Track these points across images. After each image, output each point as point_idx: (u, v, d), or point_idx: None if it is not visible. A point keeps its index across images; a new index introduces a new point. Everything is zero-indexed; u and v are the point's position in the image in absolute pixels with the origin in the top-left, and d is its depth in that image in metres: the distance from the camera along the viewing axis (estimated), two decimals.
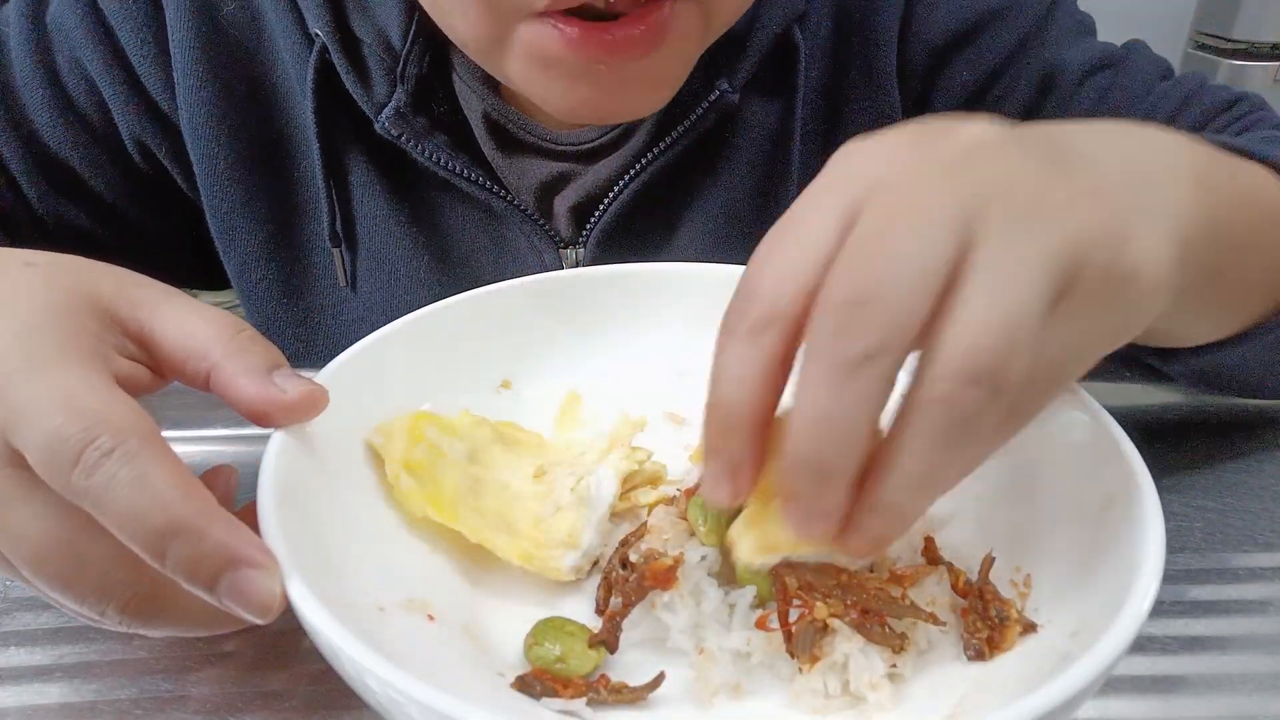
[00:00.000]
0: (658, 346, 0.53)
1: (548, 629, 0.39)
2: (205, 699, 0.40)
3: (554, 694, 0.36)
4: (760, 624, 0.38)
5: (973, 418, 0.29)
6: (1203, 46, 1.74)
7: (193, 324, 0.37)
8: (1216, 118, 0.65)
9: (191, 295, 0.39)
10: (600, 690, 0.37)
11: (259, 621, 0.32)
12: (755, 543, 0.34)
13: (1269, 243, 0.46)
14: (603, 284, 0.53)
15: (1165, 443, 0.57)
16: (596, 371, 0.52)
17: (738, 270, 0.53)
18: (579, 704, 0.36)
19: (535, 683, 0.36)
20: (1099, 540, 0.37)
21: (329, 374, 0.43)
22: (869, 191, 0.31)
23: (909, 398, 0.29)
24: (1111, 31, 0.74)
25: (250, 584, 0.32)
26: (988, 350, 0.28)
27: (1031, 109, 0.67)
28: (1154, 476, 0.37)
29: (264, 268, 0.70)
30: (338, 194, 0.66)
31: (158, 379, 0.38)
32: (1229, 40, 1.65)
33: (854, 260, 0.29)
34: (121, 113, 0.66)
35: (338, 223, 0.66)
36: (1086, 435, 0.41)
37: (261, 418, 0.37)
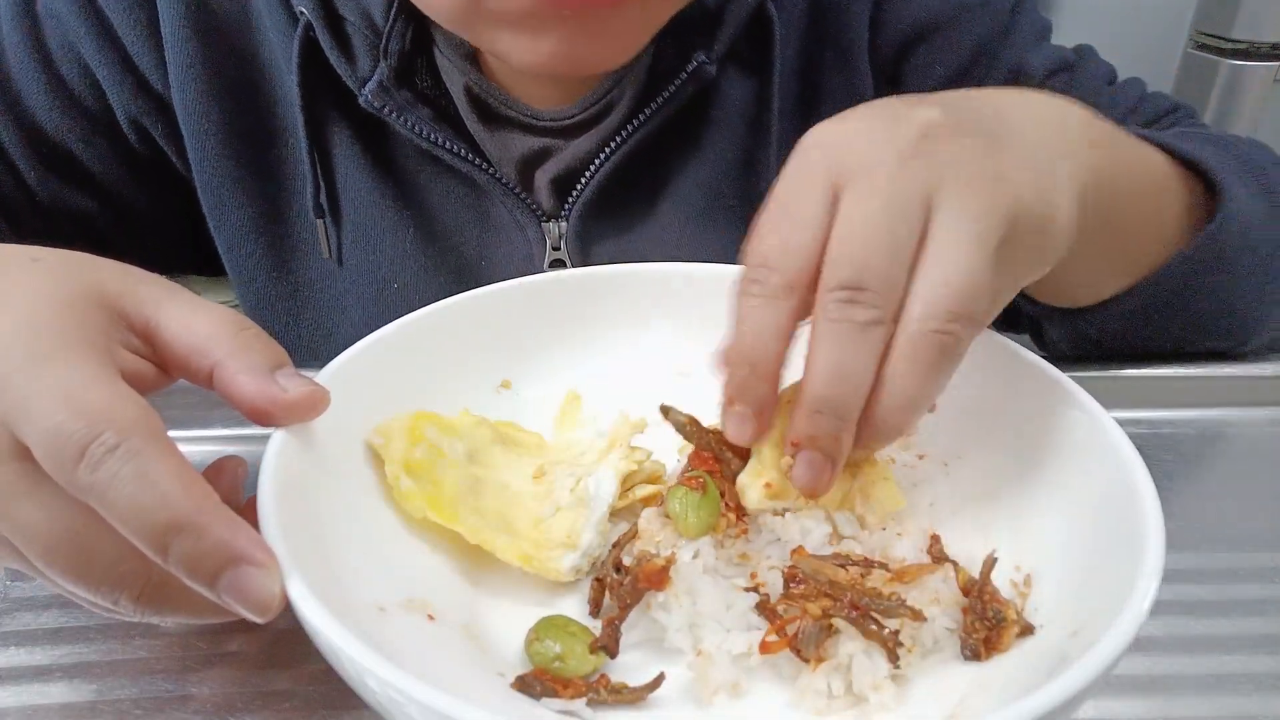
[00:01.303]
0: (658, 346, 0.53)
1: (550, 627, 0.39)
2: (206, 699, 0.40)
3: (554, 694, 0.36)
4: (764, 649, 0.38)
5: (954, 346, 0.37)
6: (1203, 46, 1.74)
7: (197, 321, 0.37)
8: (1159, 120, 0.71)
9: (196, 294, 0.39)
10: (600, 690, 0.37)
11: (258, 619, 0.32)
12: (761, 492, 0.40)
13: (1148, 206, 0.55)
14: (603, 284, 0.53)
15: (1165, 443, 0.57)
16: (596, 371, 0.52)
17: (739, 271, 0.54)
18: (579, 704, 0.36)
19: (535, 683, 0.36)
20: (1099, 540, 0.37)
21: (329, 374, 0.43)
22: (844, 178, 0.38)
23: (898, 337, 0.37)
24: (1112, 31, 0.75)
25: (250, 582, 0.32)
26: (963, 292, 0.36)
27: None
28: (1154, 476, 0.37)
29: (253, 243, 0.71)
30: (322, 168, 0.67)
31: (163, 376, 0.38)
32: (1229, 40, 1.65)
33: (848, 246, 0.37)
34: (116, 94, 0.67)
35: (322, 194, 0.67)
36: (1086, 436, 0.41)
37: (262, 416, 0.37)
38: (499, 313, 0.51)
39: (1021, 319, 0.67)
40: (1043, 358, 0.45)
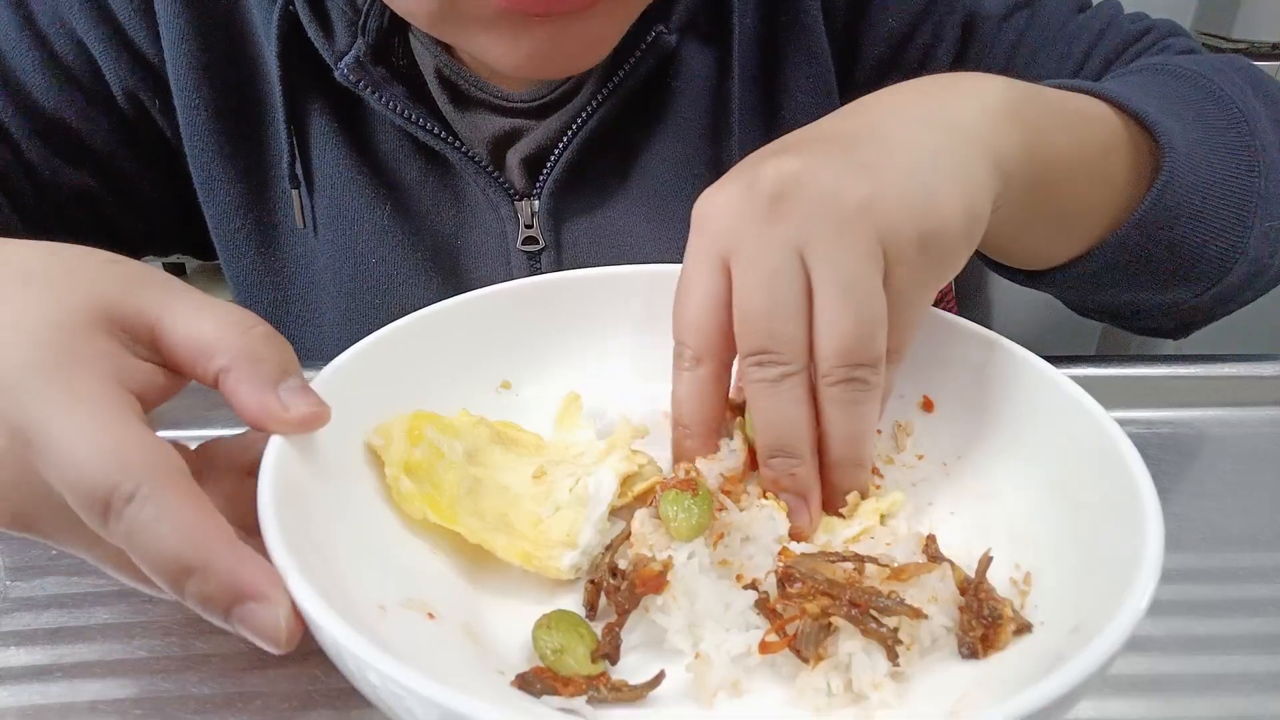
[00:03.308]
0: (657, 347, 0.53)
1: (561, 620, 0.39)
2: (205, 699, 0.40)
3: (554, 692, 0.36)
4: (763, 649, 0.38)
5: (865, 388, 0.41)
6: (1203, 46, 1.74)
7: (201, 323, 0.37)
8: (1130, 47, 0.69)
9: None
10: (600, 688, 0.37)
11: (275, 651, 0.33)
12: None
13: (1094, 171, 0.54)
14: (602, 284, 0.53)
15: (1165, 443, 0.57)
16: (596, 372, 0.52)
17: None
18: (579, 702, 0.36)
19: (535, 681, 0.36)
20: (1099, 539, 0.37)
21: (329, 374, 0.43)
22: (728, 250, 0.42)
23: (820, 391, 0.41)
24: None
25: (255, 617, 0.33)
26: (852, 341, 0.40)
27: (959, 53, 0.70)
28: (1154, 477, 0.37)
29: (241, 218, 0.71)
30: (300, 142, 0.68)
31: (177, 378, 0.38)
32: (1229, 40, 1.65)
33: (746, 318, 0.41)
34: (112, 69, 0.67)
35: (297, 165, 0.68)
36: (1086, 436, 0.41)
37: (260, 429, 0.38)
38: (499, 313, 0.51)
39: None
40: (1043, 359, 0.45)
